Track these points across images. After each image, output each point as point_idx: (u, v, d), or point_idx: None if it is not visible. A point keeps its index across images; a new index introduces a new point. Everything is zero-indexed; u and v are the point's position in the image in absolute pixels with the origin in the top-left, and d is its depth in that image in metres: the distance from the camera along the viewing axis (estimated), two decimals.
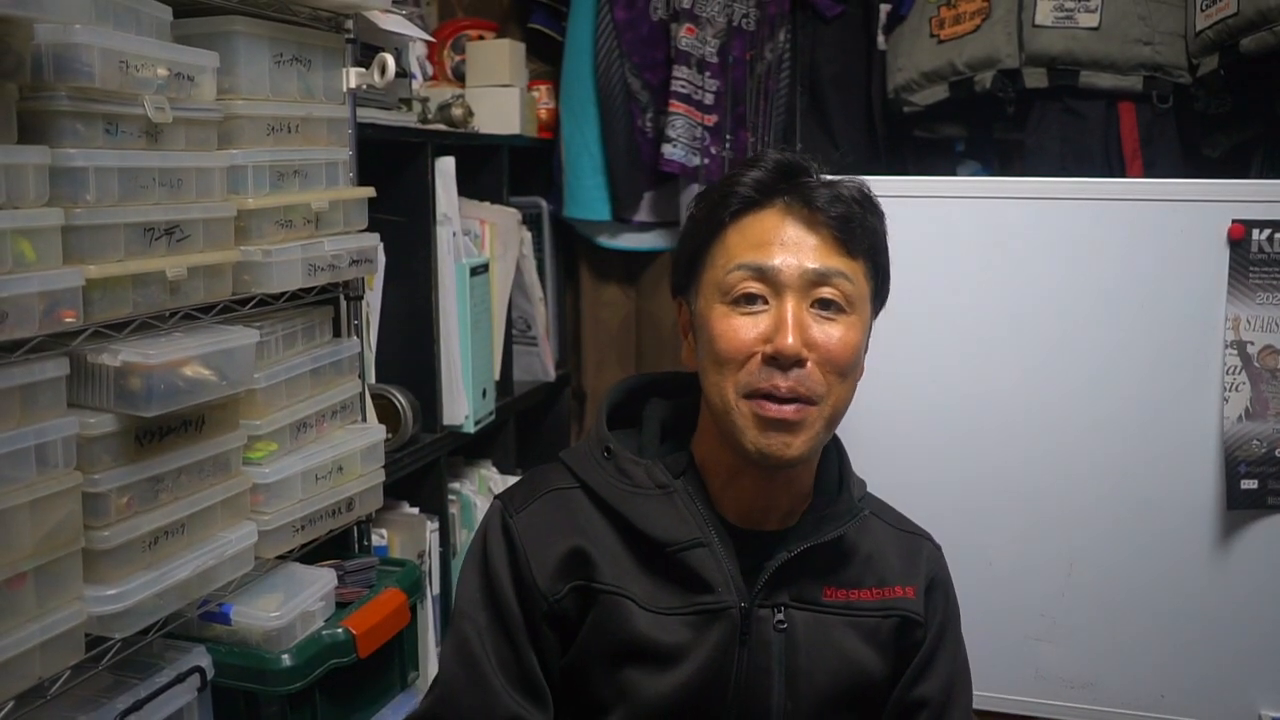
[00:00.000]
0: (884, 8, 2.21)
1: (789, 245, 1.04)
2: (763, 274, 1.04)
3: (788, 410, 1.02)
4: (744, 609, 1.06)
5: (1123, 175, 1.91)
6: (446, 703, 1.09)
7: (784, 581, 1.09)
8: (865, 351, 1.12)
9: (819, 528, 1.11)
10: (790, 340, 1.01)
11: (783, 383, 1.02)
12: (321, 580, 1.45)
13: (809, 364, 1.03)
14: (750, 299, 1.05)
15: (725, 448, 1.09)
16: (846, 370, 1.05)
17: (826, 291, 1.04)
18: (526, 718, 1.06)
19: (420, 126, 1.95)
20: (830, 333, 1.04)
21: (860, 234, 1.06)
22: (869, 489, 1.23)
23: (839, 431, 1.21)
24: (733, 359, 1.04)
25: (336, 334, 1.61)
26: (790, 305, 1.03)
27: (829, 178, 1.10)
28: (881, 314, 1.15)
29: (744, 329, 1.04)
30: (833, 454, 1.19)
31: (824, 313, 1.04)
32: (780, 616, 1.08)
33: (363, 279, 1.64)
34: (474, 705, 1.07)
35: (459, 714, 1.08)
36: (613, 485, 1.11)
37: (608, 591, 1.07)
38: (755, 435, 1.03)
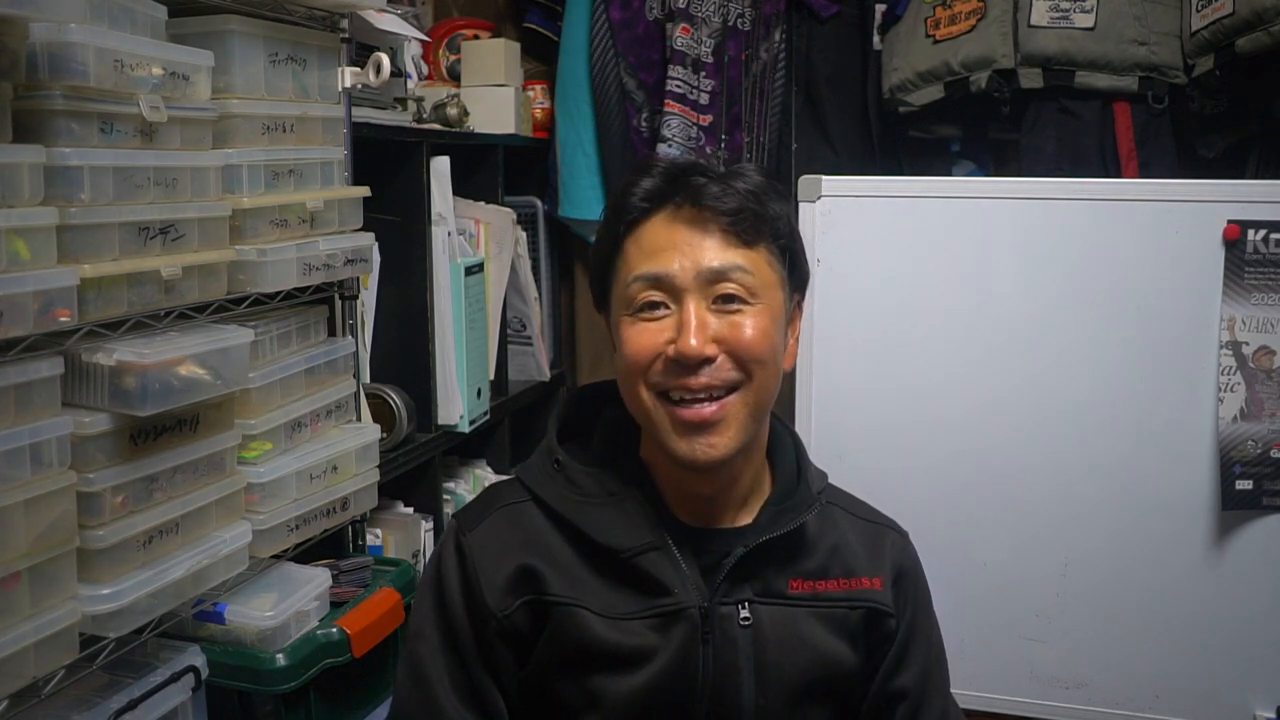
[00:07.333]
0: (879, 8, 2.21)
1: (682, 248, 1.04)
2: (659, 282, 1.05)
3: (707, 411, 1.03)
4: (704, 609, 1.06)
5: (1118, 175, 1.92)
6: None
7: (745, 577, 1.08)
8: (790, 337, 1.12)
9: (777, 521, 1.10)
10: (692, 342, 1.01)
11: (693, 382, 1.02)
12: (316, 580, 1.45)
13: (719, 358, 1.03)
14: (653, 306, 1.05)
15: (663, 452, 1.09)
16: (763, 357, 1.05)
17: (727, 287, 1.04)
18: None
19: (415, 126, 1.95)
20: (737, 323, 1.04)
21: (755, 224, 1.05)
22: (864, 490, 1.23)
23: (800, 429, 1.19)
24: (639, 363, 1.05)
25: (331, 333, 1.61)
26: (691, 307, 1.03)
27: (725, 170, 1.09)
28: (874, 314, 1.14)
29: (648, 334, 1.05)
30: (789, 447, 1.18)
31: (728, 307, 1.04)
32: (745, 613, 1.07)
33: (358, 278, 1.64)
34: None
35: None
36: (563, 496, 1.10)
37: (561, 603, 1.06)
38: (678, 441, 1.04)
